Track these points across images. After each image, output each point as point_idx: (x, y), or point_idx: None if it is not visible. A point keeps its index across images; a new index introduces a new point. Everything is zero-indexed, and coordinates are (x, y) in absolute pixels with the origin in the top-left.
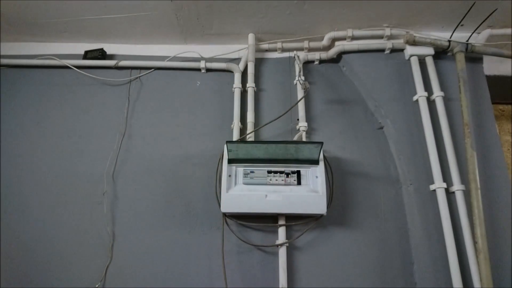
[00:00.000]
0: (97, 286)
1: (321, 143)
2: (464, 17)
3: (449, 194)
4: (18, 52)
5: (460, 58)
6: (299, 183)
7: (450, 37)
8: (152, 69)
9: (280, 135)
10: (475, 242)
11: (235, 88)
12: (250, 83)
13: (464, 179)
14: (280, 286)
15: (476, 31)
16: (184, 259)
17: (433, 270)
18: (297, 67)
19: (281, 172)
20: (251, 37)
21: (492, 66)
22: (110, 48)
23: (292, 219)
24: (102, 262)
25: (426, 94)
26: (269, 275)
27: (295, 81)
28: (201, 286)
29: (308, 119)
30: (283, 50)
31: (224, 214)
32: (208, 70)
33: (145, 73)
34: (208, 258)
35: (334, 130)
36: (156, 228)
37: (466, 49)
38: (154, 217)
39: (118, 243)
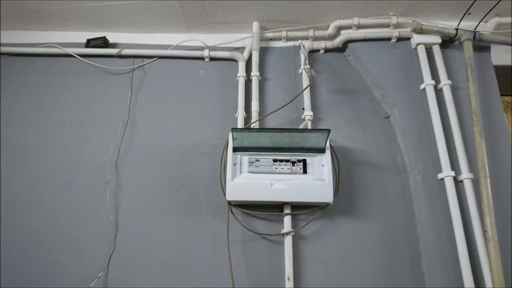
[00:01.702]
0: (100, 275)
1: (328, 130)
2: (471, 5)
3: (457, 183)
4: (20, 40)
5: (468, 46)
6: (305, 171)
7: (458, 26)
8: (155, 58)
9: (285, 125)
10: (484, 231)
11: (239, 77)
12: (255, 72)
13: (472, 168)
14: (286, 275)
15: (483, 19)
16: (188, 248)
17: (441, 260)
18: (303, 55)
19: (287, 161)
20: (255, 25)
21: (499, 56)
22: (112, 36)
23: (298, 208)
24: (105, 251)
25: (433, 82)
26: (275, 264)
27: (300, 70)
28: (205, 275)
29: (314, 108)
30: (288, 39)
31: (229, 203)
32: (212, 59)
33: (148, 61)
34: (213, 247)
35: (340, 120)
36: (160, 217)
37: (474, 37)
38: (158, 206)
39: (121, 232)
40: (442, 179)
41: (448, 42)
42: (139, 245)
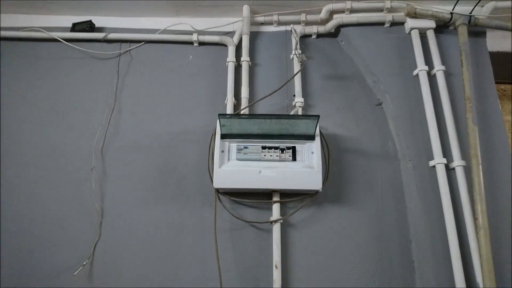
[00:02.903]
0: (84, 263)
1: (318, 116)
2: None
3: (449, 171)
4: (3, 24)
5: (463, 31)
6: (294, 159)
7: (453, 10)
8: (143, 42)
9: (276, 112)
10: (475, 219)
11: (229, 62)
12: (245, 57)
13: (464, 155)
14: (274, 263)
15: (479, 3)
16: (175, 236)
17: (432, 247)
18: (294, 40)
19: (276, 148)
20: (245, 9)
21: (495, 43)
22: (98, 20)
23: (287, 196)
24: (90, 239)
25: (426, 68)
26: (263, 252)
27: (291, 55)
28: (193, 263)
29: (305, 95)
30: (279, 23)
31: (217, 191)
32: (201, 43)
33: (135, 46)
34: (201, 235)
35: (331, 106)
36: (146, 204)
37: (469, 22)
38: (144, 194)
39: (107, 220)
40: (434, 166)
41: (443, 27)
42: (125, 233)
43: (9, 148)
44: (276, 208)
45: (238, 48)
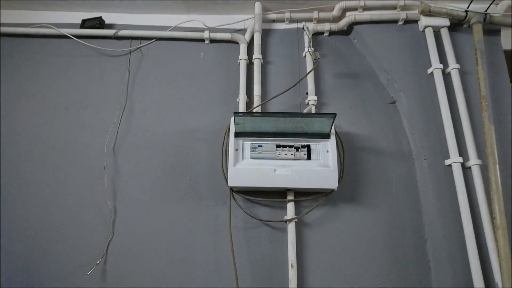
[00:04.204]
0: (98, 262)
1: (334, 114)
2: None
3: (465, 169)
4: (12, 20)
5: (478, 29)
6: (309, 157)
7: (467, 8)
8: (153, 40)
9: (288, 110)
10: (492, 218)
11: (240, 59)
12: (257, 55)
13: (480, 154)
14: (289, 262)
15: (494, 1)
16: (189, 235)
17: (448, 247)
18: (307, 37)
19: (291, 146)
20: (257, 6)
21: (509, 41)
22: (109, 17)
23: (301, 194)
24: (103, 238)
25: (441, 66)
26: (278, 251)
27: (304, 53)
28: (207, 262)
29: (318, 93)
30: (291, 20)
31: (231, 189)
32: (212, 41)
33: (146, 43)
34: (214, 234)
35: (345, 105)
36: (160, 203)
37: (484, 20)
38: (157, 192)
39: (120, 218)
40: (450, 165)
41: (457, 25)
42: (139, 232)
43: (20, 145)
44: (290, 207)
45: (250, 45)
